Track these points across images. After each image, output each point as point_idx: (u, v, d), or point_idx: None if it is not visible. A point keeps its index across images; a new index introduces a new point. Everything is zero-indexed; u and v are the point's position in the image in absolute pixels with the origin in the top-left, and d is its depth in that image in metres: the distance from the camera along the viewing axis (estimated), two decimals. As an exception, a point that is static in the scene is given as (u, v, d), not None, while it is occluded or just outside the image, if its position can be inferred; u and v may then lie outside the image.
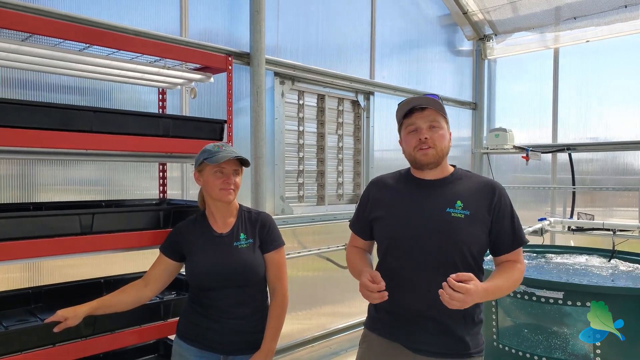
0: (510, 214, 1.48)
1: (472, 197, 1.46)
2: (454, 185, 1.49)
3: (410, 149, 1.49)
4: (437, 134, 1.46)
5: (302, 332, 3.29)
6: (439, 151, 1.47)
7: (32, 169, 2.16)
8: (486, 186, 1.49)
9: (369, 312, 1.62)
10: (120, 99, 2.43)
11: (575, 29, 4.17)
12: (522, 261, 1.51)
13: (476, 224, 1.43)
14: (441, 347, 1.45)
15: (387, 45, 3.92)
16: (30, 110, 1.57)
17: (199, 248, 1.66)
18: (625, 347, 2.58)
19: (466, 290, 1.26)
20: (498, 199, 1.47)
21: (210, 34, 2.77)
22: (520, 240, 1.49)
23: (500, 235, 1.46)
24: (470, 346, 1.46)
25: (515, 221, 1.49)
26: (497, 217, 1.45)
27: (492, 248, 1.50)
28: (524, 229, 3.48)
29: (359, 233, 1.64)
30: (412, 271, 1.41)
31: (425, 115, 1.47)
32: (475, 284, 1.29)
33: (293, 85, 3.25)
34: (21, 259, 1.53)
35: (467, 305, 1.29)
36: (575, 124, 4.31)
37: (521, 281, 1.49)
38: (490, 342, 3.08)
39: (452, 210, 1.43)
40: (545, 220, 3.62)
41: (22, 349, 1.51)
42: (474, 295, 1.27)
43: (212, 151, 1.63)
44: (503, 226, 1.46)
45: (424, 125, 1.46)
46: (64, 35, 1.64)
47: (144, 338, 1.84)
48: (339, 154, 3.67)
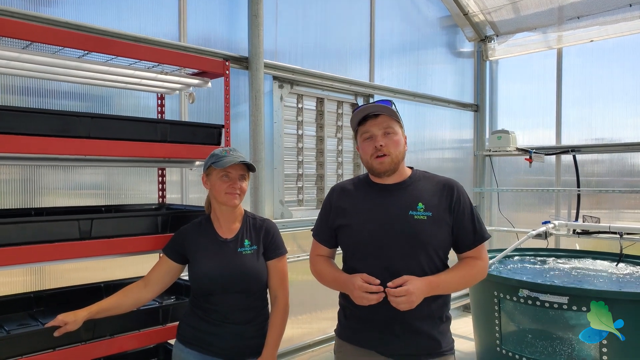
0: (470, 211, 1.52)
1: (432, 198, 1.49)
2: (414, 187, 1.53)
3: (367, 157, 1.52)
4: (391, 140, 1.50)
5: (302, 336, 3.29)
6: (394, 158, 1.50)
7: (35, 173, 2.18)
8: (445, 186, 1.53)
9: (339, 321, 1.63)
10: (120, 104, 2.45)
11: (578, 29, 4.13)
12: (484, 257, 1.53)
13: (439, 224, 1.47)
14: (413, 347, 1.47)
15: (386, 47, 3.92)
16: (29, 117, 1.59)
17: (203, 252, 1.67)
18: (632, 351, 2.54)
19: (406, 291, 1.35)
20: (457, 197, 1.50)
21: (209, 39, 2.79)
22: (482, 236, 1.52)
23: (462, 232, 1.50)
24: (442, 344, 1.49)
25: (476, 218, 1.52)
26: (458, 216, 1.49)
27: (455, 246, 1.53)
28: (528, 232, 3.47)
29: (323, 242, 1.65)
30: (379, 276, 1.43)
31: (379, 122, 1.50)
32: (414, 283, 1.36)
33: (292, 88, 3.26)
34: (20, 264, 1.55)
35: (415, 304, 1.36)
36: (580, 125, 4.27)
37: (483, 277, 1.53)
38: (493, 347, 3.05)
39: (414, 212, 1.47)
40: (549, 223, 3.58)
41: (23, 353, 1.53)
42: (417, 292, 1.36)
43: (220, 155, 1.64)
44: (464, 224, 1.50)
45: (379, 132, 1.50)
46: (64, 43, 1.66)
47: (143, 342, 1.84)
48: (338, 157, 3.67)
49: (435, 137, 4.44)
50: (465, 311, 4.52)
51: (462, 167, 4.71)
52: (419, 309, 1.43)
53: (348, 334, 1.57)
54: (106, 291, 2.08)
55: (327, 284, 1.60)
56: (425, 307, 1.44)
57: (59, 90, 2.24)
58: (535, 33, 4.40)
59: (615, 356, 2.57)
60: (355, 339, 1.55)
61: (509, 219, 4.49)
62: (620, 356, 2.57)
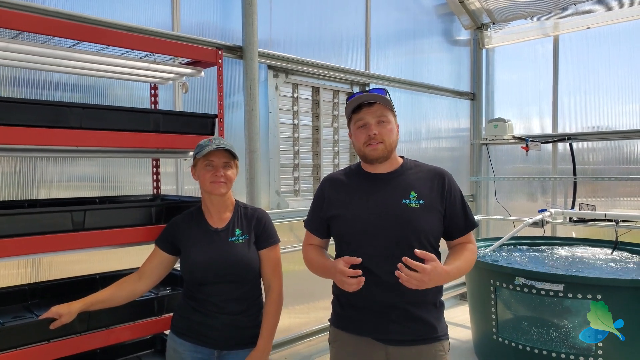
0: (460, 199, 1.57)
1: (424, 187, 1.52)
2: (406, 176, 1.55)
3: (360, 144, 1.54)
4: (385, 129, 1.51)
5: (299, 326, 3.31)
6: (388, 145, 1.52)
7: (30, 166, 2.17)
8: (436, 175, 1.56)
9: (334, 310, 1.64)
10: (114, 95, 2.43)
11: (575, 16, 4.11)
12: (473, 241, 1.60)
13: (431, 212, 1.50)
14: (409, 333, 1.49)
15: (382, 36, 3.88)
16: (18, 108, 1.57)
17: (194, 242, 1.66)
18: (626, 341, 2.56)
19: (422, 269, 1.31)
20: (449, 186, 1.54)
21: (202, 28, 2.76)
22: (472, 223, 1.58)
23: (454, 220, 1.54)
24: (438, 330, 1.52)
25: (466, 205, 1.58)
26: (449, 204, 1.53)
27: (446, 233, 1.57)
28: (525, 221, 3.48)
29: (316, 232, 1.66)
30: (373, 264, 1.44)
31: (374, 110, 1.51)
32: (434, 265, 1.34)
33: (287, 78, 3.23)
34: (12, 256, 1.54)
35: (425, 286, 1.34)
36: (576, 113, 4.26)
37: (475, 260, 1.58)
38: (490, 335, 3.07)
39: (407, 201, 1.49)
40: (545, 211, 3.59)
41: (17, 345, 1.53)
42: (432, 275, 1.33)
43: (203, 145, 1.65)
44: (455, 212, 1.54)
45: (373, 120, 1.51)
46: (54, 32, 1.64)
47: (138, 334, 1.84)
48: (334, 147, 3.66)
49: (432, 126, 4.42)
50: (462, 300, 4.55)
51: (458, 156, 4.71)
52: (415, 296, 1.44)
53: (344, 323, 1.58)
54: (102, 283, 2.08)
55: (317, 272, 1.61)
56: (421, 294, 1.45)
57: (50, 81, 2.22)
58: (531, 20, 4.37)
59: (608, 338, 2.59)
60: (351, 327, 1.55)
61: (505, 208, 4.50)
62: (614, 341, 2.59)
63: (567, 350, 2.69)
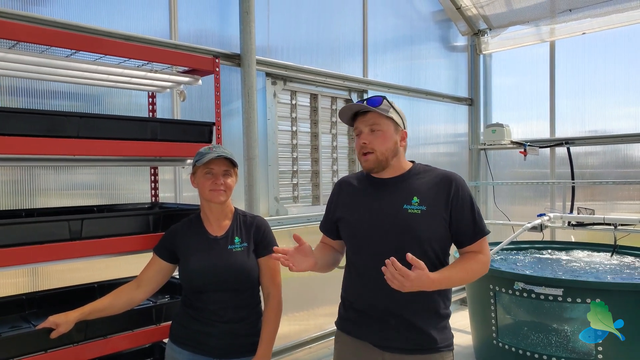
0: (470, 205, 1.48)
1: (429, 192, 1.47)
2: (411, 181, 1.52)
3: (357, 154, 1.55)
4: (377, 138, 1.48)
5: (299, 333, 3.29)
6: (380, 155, 1.48)
7: (27, 174, 2.16)
8: (443, 179, 1.50)
9: (338, 311, 1.65)
10: (112, 103, 2.43)
11: (571, 21, 4.14)
12: (485, 252, 1.50)
13: (433, 218, 1.44)
14: (407, 342, 1.46)
15: (379, 42, 3.90)
16: (15, 117, 1.56)
17: (193, 250, 1.66)
18: (626, 343, 2.56)
19: (406, 275, 1.27)
20: (455, 191, 1.47)
21: (200, 36, 2.77)
22: (482, 231, 1.49)
23: (461, 227, 1.47)
24: (438, 341, 1.47)
25: (476, 212, 1.49)
26: (456, 209, 1.46)
27: (455, 240, 1.51)
28: (524, 225, 3.48)
29: (327, 233, 1.69)
30: (375, 269, 1.42)
31: (367, 119, 1.50)
32: (419, 274, 1.29)
33: (285, 85, 3.24)
34: (9, 266, 1.53)
35: (405, 290, 1.30)
36: (573, 117, 4.28)
37: (485, 272, 1.50)
38: (490, 340, 3.06)
39: (408, 206, 1.45)
40: (544, 215, 3.60)
41: (14, 355, 1.51)
42: (414, 281, 1.28)
43: (203, 153, 1.65)
44: (463, 218, 1.46)
45: (365, 129, 1.50)
46: (51, 42, 1.64)
47: (137, 342, 1.83)
48: (333, 153, 3.66)
49: (430, 131, 4.43)
50: (462, 305, 4.53)
51: (457, 162, 4.72)
52: (415, 304, 1.43)
53: (345, 326, 1.58)
54: (100, 291, 2.06)
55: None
56: (422, 302, 1.43)
57: (48, 90, 2.22)
58: (528, 26, 4.40)
59: (608, 341, 2.58)
60: (351, 330, 1.55)
61: (504, 212, 4.50)
62: (614, 344, 2.58)
63: (567, 355, 2.68)
